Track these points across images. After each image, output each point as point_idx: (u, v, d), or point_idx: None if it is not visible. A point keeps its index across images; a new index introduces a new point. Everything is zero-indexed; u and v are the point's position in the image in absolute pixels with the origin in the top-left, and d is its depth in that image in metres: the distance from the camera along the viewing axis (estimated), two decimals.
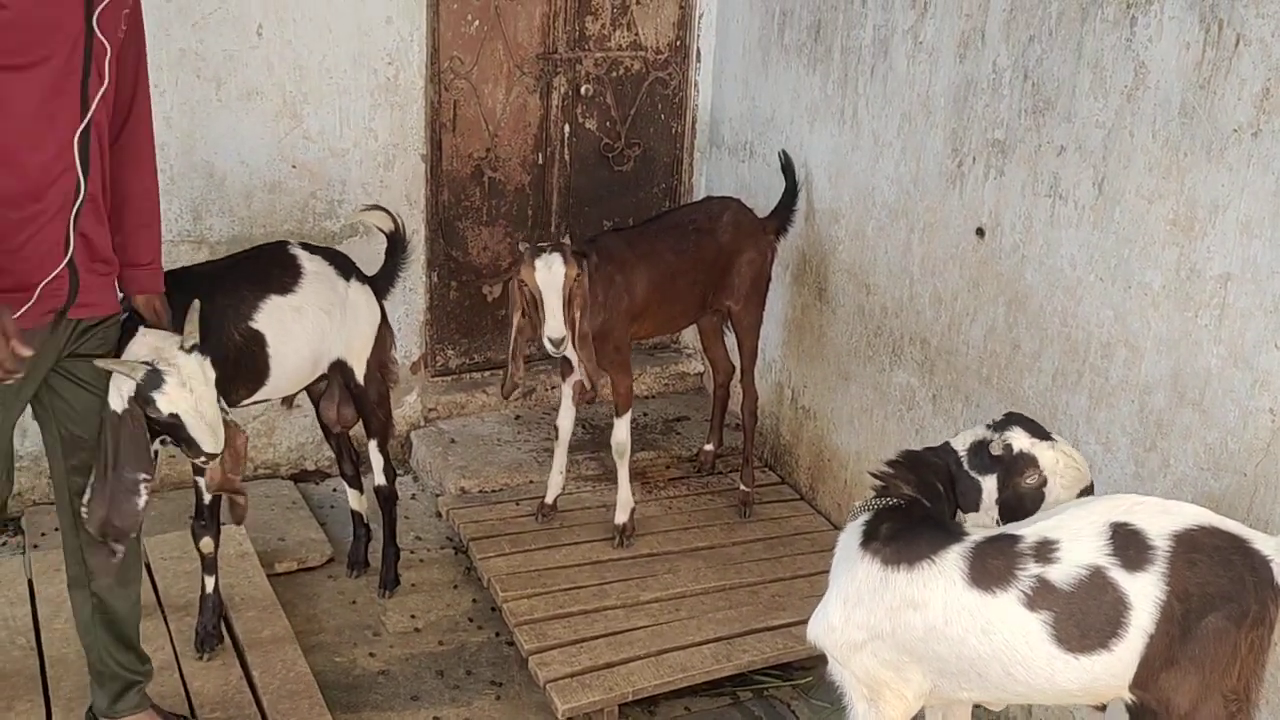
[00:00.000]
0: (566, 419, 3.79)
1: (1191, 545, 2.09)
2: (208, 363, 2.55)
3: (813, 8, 3.96)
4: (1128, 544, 2.11)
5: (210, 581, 3.12)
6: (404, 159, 4.12)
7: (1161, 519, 2.13)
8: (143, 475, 2.48)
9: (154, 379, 2.46)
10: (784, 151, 4.09)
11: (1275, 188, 2.40)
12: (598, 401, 4.53)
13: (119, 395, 2.47)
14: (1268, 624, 2.10)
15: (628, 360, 3.66)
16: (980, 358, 3.28)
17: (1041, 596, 2.13)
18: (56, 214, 2.27)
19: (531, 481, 4.13)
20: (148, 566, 3.37)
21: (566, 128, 4.52)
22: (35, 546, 3.59)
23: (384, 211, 3.49)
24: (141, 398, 2.46)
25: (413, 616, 3.51)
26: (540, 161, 4.53)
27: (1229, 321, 2.52)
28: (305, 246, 3.25)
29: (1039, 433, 2.40)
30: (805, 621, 3.19)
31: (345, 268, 3.29)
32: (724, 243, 3.81)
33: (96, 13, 2.23)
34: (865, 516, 2.33)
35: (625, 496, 3.74)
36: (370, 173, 4.04)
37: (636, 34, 4.55)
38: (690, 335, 4.82)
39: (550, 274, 3.24)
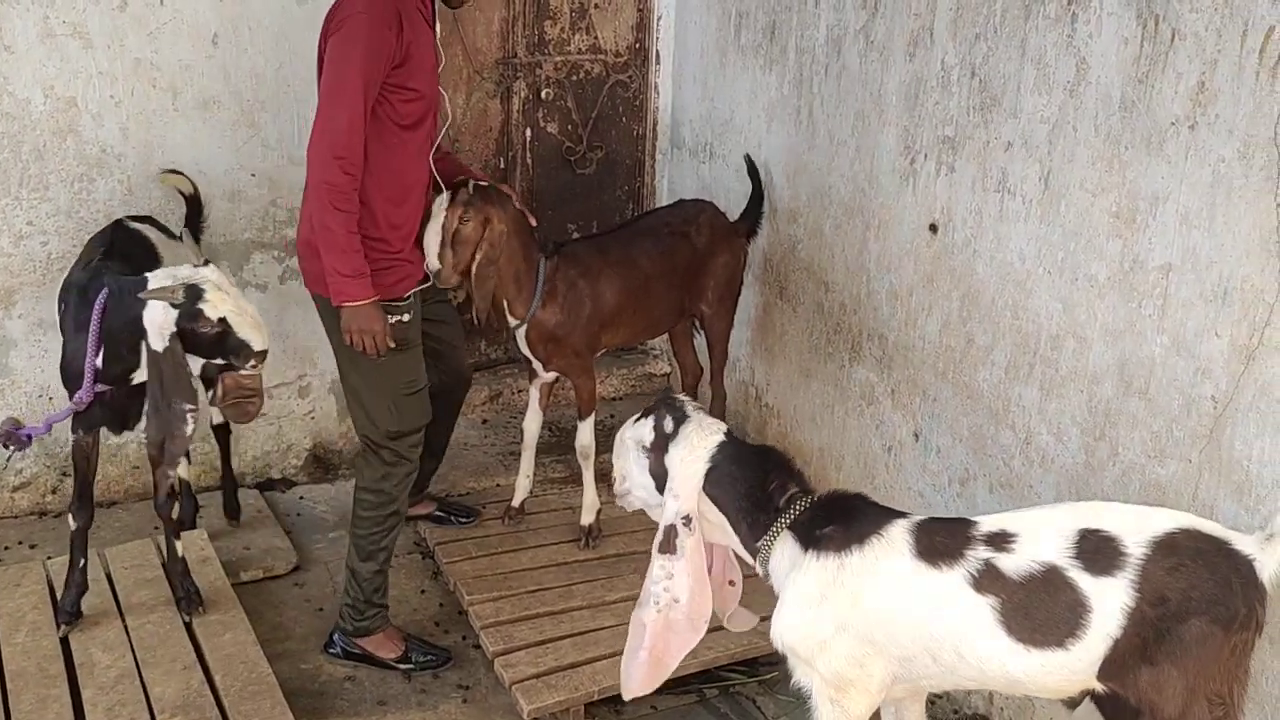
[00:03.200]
0: (534, 422, 3.80)
1: (1170, 549, 2.08)
2: (225, 270, 2.91)
3: (768, 9, 4.00)
4: (1096, 549, 2.10)
5: (179, 545, 3.24)
6: None
7: (1136, 524, 2.12)
8: (189, 405, 2.84)
9: (193, 292, 2.79)
10: (748, 155, 4.12)
11: (1212, 179, 2.44)
12: (564, 404, 4.55)
13: (159, 335, 2.79)
14: (1255, 625, 2.08)
15: (590, 364, 3.67)
16: (936, 352, 3.32)
17: (989, 581, 2.13)
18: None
19: (498, 485, 4.15)
20: (108, 576, 3.36)
21: (528, 131, 4.54)
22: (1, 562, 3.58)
23: (182, 175, 3.67)
24: (187, 315, 2.78)
25: None
26: (502, 165, 4.54)
27: (1171, 311, 2.56)
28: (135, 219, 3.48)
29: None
30: (770, 617, 3.25)
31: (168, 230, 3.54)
32: (700, 246, 3.83)
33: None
34: (789, 538, 2.30)
35: (591, 499, 3.76)
36: None
37: (596, 37, 4.57)
38: (658, 337, 4.84)
39: (438, 211, 3.22)
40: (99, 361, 2.92)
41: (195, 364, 2.92)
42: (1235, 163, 2.39)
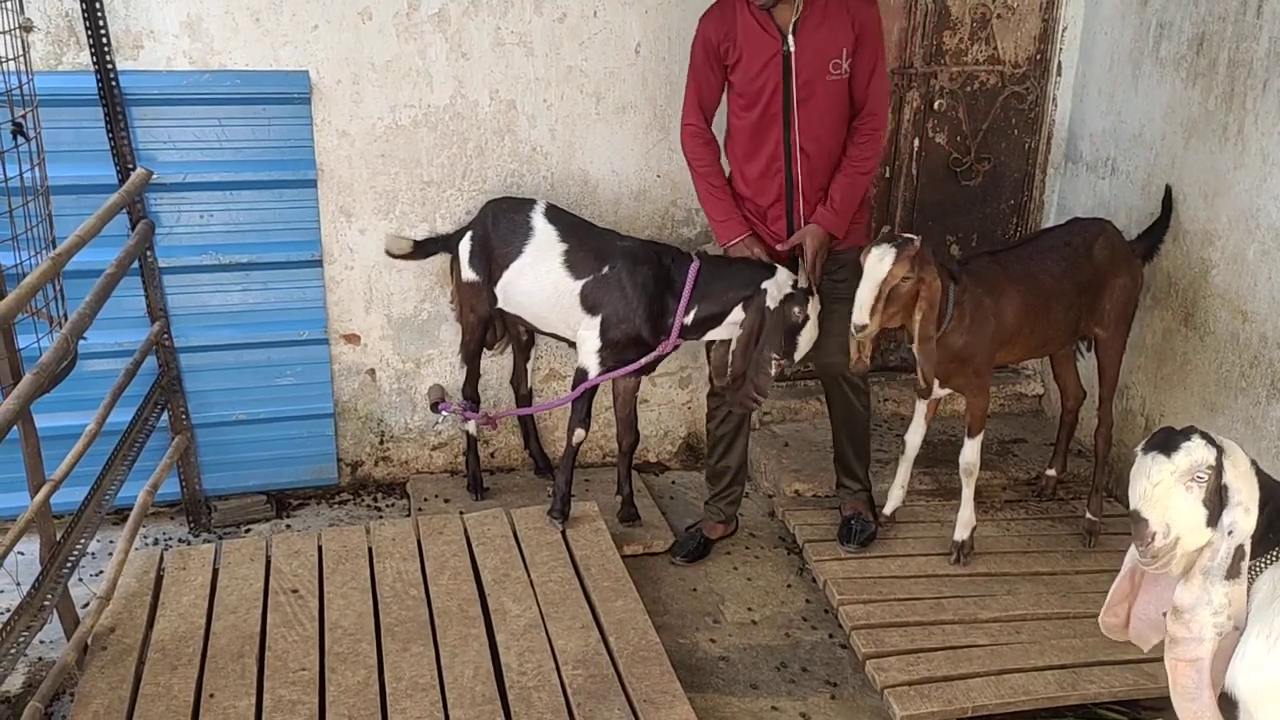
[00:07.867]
0: (916, 435, 3.79)
1: None
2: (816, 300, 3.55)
3: (1196, 19, 3.77)
4: None
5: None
6: None
7: None
8: (775, 354, 3.49)
9: (806, 292, 3.50)
10: (1169, 186, 3.90)
11: None
12: (938, 417, 4.52)
13: (774, 298, 3.46)
14: None
15: (987, 384, 3.60)
16: None
17: None
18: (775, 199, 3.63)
19: None
20: (514, 534, 3.70)
21: (916, 141, 4.54)
22: (420, 510, 4.02)
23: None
24: (793, 298, 3.47)
25: (749, 609, 3.65)
26: (887, 175, 4.56)
27: None
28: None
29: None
30: (1158, 659, 3.08)
31: None
32: (1099, 266, 3.68)
33: (794, 71, 3.47)
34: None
35: (967, 515, 3.70)
36: None
37: (995, 48, 4.49)
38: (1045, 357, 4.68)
39: (877, 265, 3.21)
40: (688, 319, 3.58)
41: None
42: None
